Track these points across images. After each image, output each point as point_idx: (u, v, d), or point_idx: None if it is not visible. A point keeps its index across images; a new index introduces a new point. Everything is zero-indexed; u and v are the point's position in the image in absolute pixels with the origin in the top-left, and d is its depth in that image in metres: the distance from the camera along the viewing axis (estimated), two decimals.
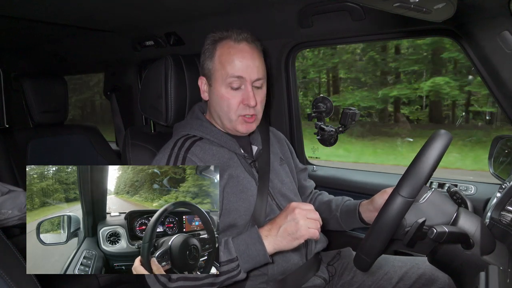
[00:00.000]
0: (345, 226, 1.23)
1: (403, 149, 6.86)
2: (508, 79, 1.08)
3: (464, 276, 0.82)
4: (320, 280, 1.15)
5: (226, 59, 1.06)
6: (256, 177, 1.12)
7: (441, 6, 0.73)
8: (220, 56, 1.07)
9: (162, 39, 1.77)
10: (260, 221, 1.05)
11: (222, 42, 1.08)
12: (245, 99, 1.06)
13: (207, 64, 1.10)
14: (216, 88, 1.08)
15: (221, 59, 1.06)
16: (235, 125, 1.09)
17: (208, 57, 1.10)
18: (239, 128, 1.10)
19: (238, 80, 1.05)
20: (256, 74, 1.06)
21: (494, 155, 1.21)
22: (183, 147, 1.08)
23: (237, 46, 1.06)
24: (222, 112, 1.09)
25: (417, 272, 1.10)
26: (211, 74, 1.09)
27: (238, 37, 1.07)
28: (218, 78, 1.07)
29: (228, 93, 1.06)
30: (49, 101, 2.08)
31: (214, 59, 1.08)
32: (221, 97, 1.07)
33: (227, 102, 1.07)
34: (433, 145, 0.77)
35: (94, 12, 1.47)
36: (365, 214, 1.16)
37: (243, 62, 1.05)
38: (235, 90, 1.06)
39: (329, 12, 1.29)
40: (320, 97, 1.56)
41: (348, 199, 1.27)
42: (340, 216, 1.22)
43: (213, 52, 1.08)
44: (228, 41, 1.07)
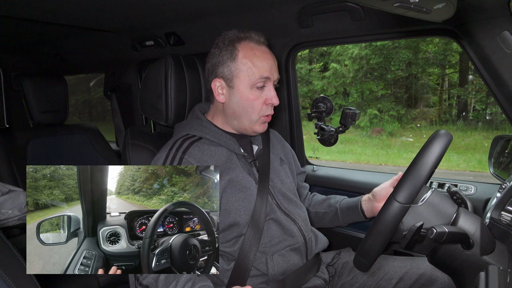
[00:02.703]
0: (343, 220, 1.25)
1: None
2: (508, 79, 1.08)
3: (464, 276, 0.82)
4: (320, 281, 1.15)
5: (252, 60, 1.06)
6: (256, 176, 1.12)
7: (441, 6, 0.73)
8: (244, 57, 1.06)
9: (162, 39, 1.77)
10: (260, 221, 1.06)
11: (243, 43, 1.07)
12: (269, 99, 1.08)
13: (228, 65, 1.07)
14: (239, 90, 1.07)
15: (246, 60, 1.06)
16: (254, 125, 1.10)
17: (229, 58, 1.07)
18: (257, 128, 1.11)
19: (264, 81, 1.07)
20: (276, 74, 1.10)
21: (494, 155, 1.21)
22: (180, 148, 1.08)
23: (259, 48, 1.08)
24: (244, 112, 1.09)
25: (417, 272, 1.10)
26: (233, 75, 1.07)
27: (260, 39, 1.09)
28: (243, 79, 1.06)
29: (254, 94, 1.07)
30: (49, 101, 2.07)
31: (237, 60, 1.06)
32: (245, 99, 1.07)
33: (251, 103, 1.07)
34: (432, 147, 0.77)
35: (94, 12, 1.47)
36: (366, 207, 1.21)
37: (268, 63, 1.07)
38: (259, 90, 1.07)
39: (329, 12, 1.29)
40: (320, 97, 1.55)
41: (346, 197, 1.30)
42: (340, 207, 1.25)
43: (234, 52, 1.07)
44: (249, 42, 1.08)
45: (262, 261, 1.05)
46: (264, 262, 1.05)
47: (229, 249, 1.05)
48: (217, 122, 1.16)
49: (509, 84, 1.09)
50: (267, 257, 1.05)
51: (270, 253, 1.06)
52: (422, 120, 8.43)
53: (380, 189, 1.18)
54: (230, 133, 1.15)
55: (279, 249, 1.07)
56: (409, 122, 8.32)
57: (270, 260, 1.05)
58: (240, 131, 1.14)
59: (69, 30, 1.80)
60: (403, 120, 8.35)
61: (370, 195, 1.21)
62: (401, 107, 8.54)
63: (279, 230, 1.09)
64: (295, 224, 1.12)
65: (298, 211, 1.16)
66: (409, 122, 8.30)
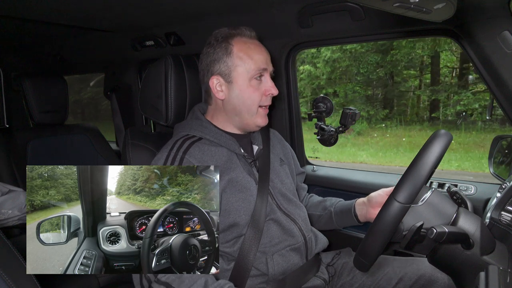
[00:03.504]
0: (337, 223, 1.25)
1: None
2: (508, 79, 1.08)
3: (464, 276, 0.82)
4: (320, 281, 1.15)
5: (248, 53, 1.08)
6: (256, 176, 1.12)
7: (441, 6, 0.73)
8: (239, 50, 1.08)
9: (162, 39, 1.77)
10: (260, 221, 1.05)
11: (236, 38, 1.10)
12: (267, 90, 1.11)
13: (224, 61, 1.08)
14: (238, 83, 1.09)
15: (241, 54, 1.08)
16: (256, 118, 1.12)
17: (224, 54, 1.08)
18: (259, 121, 1.12)
19: (261, 72, 1.10)
20: (271, 65, 1.14)
21: (494, 155, 1.21)
22: (181, 148, 1.08)
23: (252, 42, 1.11)
24: (244, 106, 1.10)
25: (416, 272, 1.10)
26: (230, 70, 1.09)
27: (251, 33, 1.12)
28: (241, 72, 1.08)
29: (253, 86, 1.09)
30: (49, 101, 2.07)
31: (233, 54, 1.08)
32: (244, 92, 1.09)
33: (250, 95, 1.09)
34: (432, 147, 0.77)
35: (94, 12, 1.47)
36: (359, 212, 1.19)
37: (263, 55, 1.11)
38: (257, 81, 1.10)
39: (329, 12, 1.29)
40: (320, 97, 1.55)
41: (342, 200, 1.29)
42: (334, 211, 1.24)
43: (229, 48, 1.08)
44: (241, 37, 1.10)
45: (262, 261, 1.05)
46: (264, 262, 1.05)
47: (229, 249, 1.05)
48: (217, 122, 1.16)
49: (509, 84, 1.09)
50: (267, 257, 1.05)
51: (270, 253, 1.06)
52: (388, 121, 8.97)
53: (377, 195, 1.15)
54: (230, 133, 1.15)
55: (279, 249, 1.07)
56: (378, 122, 8.77)
57: (270, 260, 1.05)
58: (243, 127, 1.14)
59: (69, 30, 1.80)
60: (372, 120, 8.82)
61: (365, 199, 1.19)
62: (371, 107, 8.97)
63: (279, 231, 1.09)
64: (295, 224, 1.12)
65: (298, 211, 1.16)
66: (377, 122, 8.75)
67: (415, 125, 8.63)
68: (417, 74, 9.17)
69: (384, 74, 9.06)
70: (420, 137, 7.81)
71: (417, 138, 7.83)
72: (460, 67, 8.61)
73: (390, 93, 9.18)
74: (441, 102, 8.64)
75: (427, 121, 8.70)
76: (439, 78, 8.88)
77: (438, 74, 8.89)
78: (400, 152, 7.34)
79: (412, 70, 9.12)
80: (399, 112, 9.13)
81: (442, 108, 8.69)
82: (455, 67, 8.79)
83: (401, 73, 9.13)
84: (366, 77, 9.06)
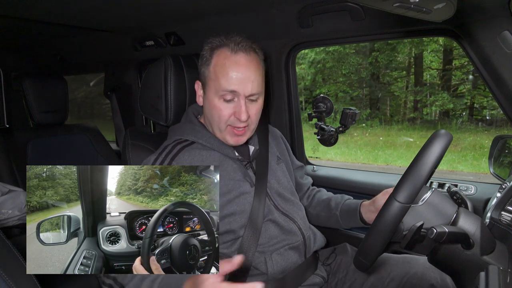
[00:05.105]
0: (344, 225, 1.24)
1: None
2: (508, 79, 1.08)
3: (464, 276, 0.82)
4: (319, 278, 1.15)
5: (220, 71, 1.01)
6: (251, 178, 1.11)
7: (441, 6, 0.73)
8: (215, 65, 1.03)
9: (162, 39, 1.77)
10: (258, 222, 1.05)
11: (219, 51, 1.03)
12: (237, 113, 1.03)
13: (203, 70, 1.07)
14: (209, 97, 1.06)
15: (216, 69, 1.02)
16: (224, 135, 1.08)
17: (205, 64, 1.06)
18: (228, 139, 1.08)
19: (231, 94, 1.02)
20: (250, 89, 1.01)
21: (494, 155, 1.21)
22: (170, 153, 1.08)
23: (233, 57, 1.01)
24: (213, 120, 1.07)
25: (416, 272, 1.10)
26: (205, 81, 1.07)
27: (236, 46, 1.02)
28: (211, 88, 1.04)
29: (221, 104, 1.03)
30: (49, 101, 2.07)
31: (210, 68, 1.04)
32: (213, 107, 1.05)
33: (218, 112, 1.04)
34: (432, 147, 0.77)
35: (94, 12, 1.47)
36: (366, 214, 1.16)
37: (237, 76, 1.00)
38: (227, 102, 1.03)
39: (329, 12, 1.29)
40: (320, 97, 1.56)
41: (348, 197, 1.27)
42: (340, 215, 1.23)
43: (209, 59, 1.05)
44: (225, 50, 1.02)
45: (261, 260, 1.05)
46: (263, 262, 1.05)
47: (227, 251, 1.05)
48: (209, 125, 1.14)
49: (509, 84, 1.09)
50: (266, 257, 1.05)
51: (268, 253, 1.06)
52: (370, 120, 9.34)
53: (382, 198, 1.11)
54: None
55: (278, 248, 1.07)
56: (361, 122, 9.04)
57: (269, 259, 1.05)
58: (218, 137, 1.11)
59: (69, 30, 1.80)
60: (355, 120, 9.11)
61: (372, 201, 1.15)
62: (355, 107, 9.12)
63: (278, 231, 1.09)
64: (294, 223, 1.12)
65: (296, 210, 1.16)
66: (360, 122, 9.03)
67: (395, 125, 8.98)
68: (397, 75, 9.49)
69: (366, 75, 9.38)
70: (397, 136, 8.20)
71: (394, 137, 8.21)
72: (442, 68, 8.92)
73: (374, 94, 9.51)
74: (419, 102, 8.99)
75: (407, 121, 9.05)
76: (422, 79, 9.16)
77: (421, 75, 9.17)
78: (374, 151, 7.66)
79: (395, 72, 9.42)
80: (383, 112, 9.43)
81: (422, 107, 9.03)
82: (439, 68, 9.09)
83: (386, 74, 9.44)
84: (348, 78, 9.38)
